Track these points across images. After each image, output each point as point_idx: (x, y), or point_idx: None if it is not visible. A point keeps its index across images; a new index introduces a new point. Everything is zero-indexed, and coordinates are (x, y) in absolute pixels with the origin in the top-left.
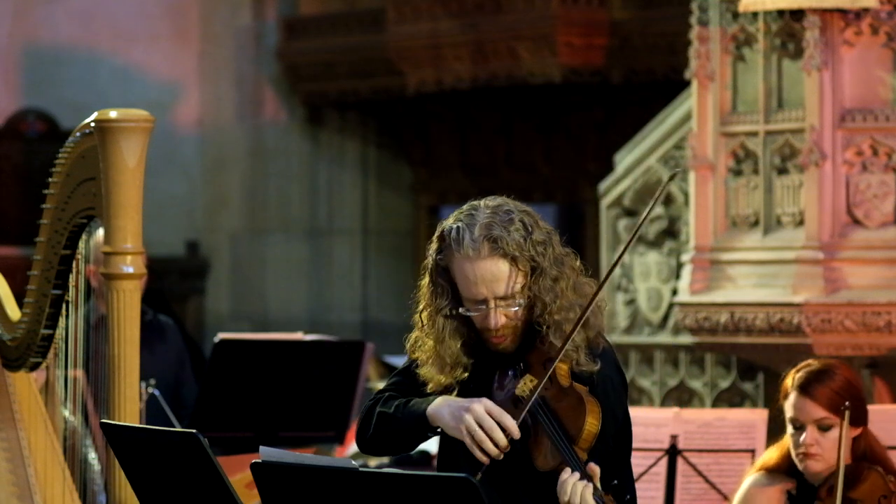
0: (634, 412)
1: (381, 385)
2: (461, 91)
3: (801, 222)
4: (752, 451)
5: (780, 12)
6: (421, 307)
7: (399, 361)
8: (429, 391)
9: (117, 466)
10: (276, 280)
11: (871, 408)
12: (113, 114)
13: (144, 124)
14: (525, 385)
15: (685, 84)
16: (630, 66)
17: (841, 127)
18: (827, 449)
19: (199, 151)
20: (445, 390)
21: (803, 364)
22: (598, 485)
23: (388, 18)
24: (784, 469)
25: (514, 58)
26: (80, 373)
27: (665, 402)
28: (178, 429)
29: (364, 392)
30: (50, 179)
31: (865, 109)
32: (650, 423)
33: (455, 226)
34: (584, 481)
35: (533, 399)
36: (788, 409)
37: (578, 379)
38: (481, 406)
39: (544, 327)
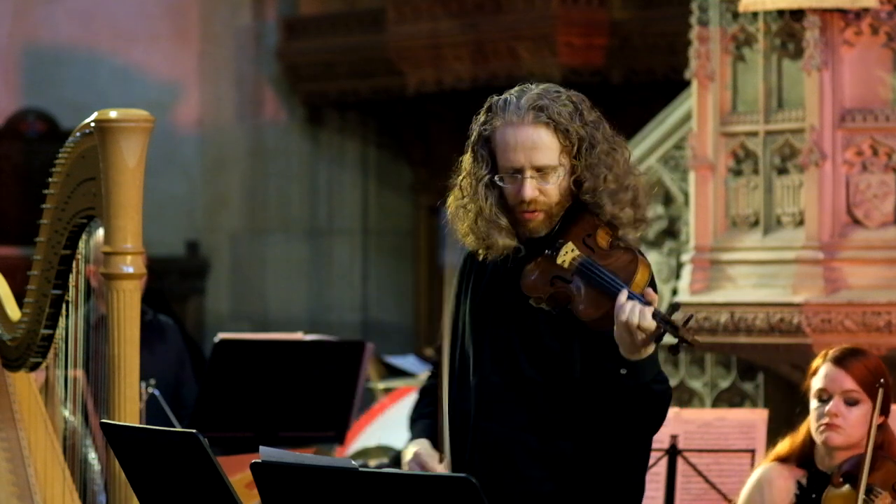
0: None
1: (381, 385)
2: (461, 91)
3: (801, 222)
4: (752, 451)
5: (780, 12)
6: (461, 178)
7: (399, 361)
8: (489, 259)
9: (117, 466)
10: (276, 280)
11: None
12: (113, 114)
13: (144, 124)
14: (566, 255)
15: (685, 84)
16: (630, 66)
17: (841, 127)
18: (850, 424)
19: (199, 151)
20: (493, 272)
21: (836, 345)
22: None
23: (388, 18)
24: (795, 460)
25: (514, 58)
26: (80, 373)
27: None
28: (178, 429)
29: (364, 392)
30: (50, 179)
31: (865, 109)
32: None
33: (504, 97)
34: (646, 306)
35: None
36: (817, 382)
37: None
38: (412, 456)
39: (598, 199)
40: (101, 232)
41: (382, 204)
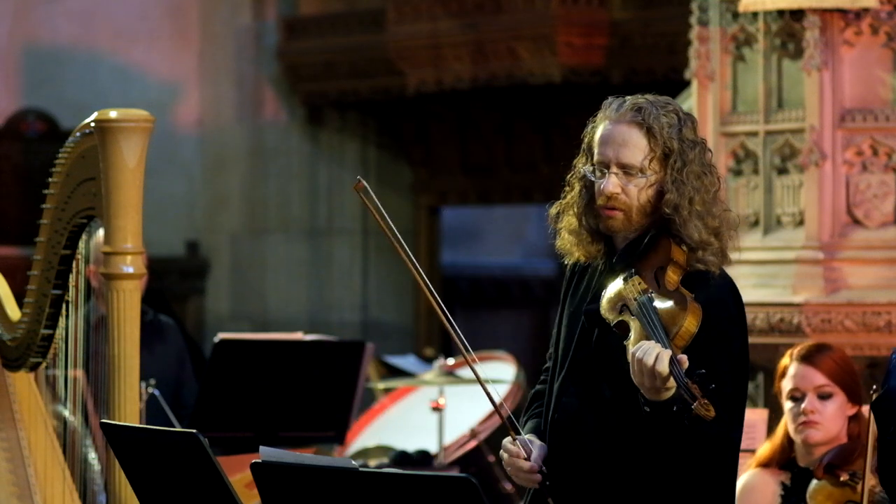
0: None
1: (381, 385)
2: (461, 91)
3: (801, 222)
4: (753, 452)
5: (780, 12)
6: (571, 174)
7: (399, 361)
8: (565, 262)
9: (117, 466)
10: (276, 280)
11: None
12: (113, 114)
13: (144, 124)
14: (633, 287)
15: (685, 84)
16: (630, 66)
17: (841, 127)
18: (826, 418)
19: (199, 151)
20: (583, 272)
21: (800, 344)
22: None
23: (388, 18)
24: (777, 462)
25: (514, 58)
26: (80, 373)
27: None
28: (178, 429)
29: (364, 392)
30: (50, 179)
31: (865, 109)
32: None
33: (617, 97)
34: (665, 349)
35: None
36: (788, 382)
37: (688, 285)
38: (504, 445)
39: (682, 217)
40: (101, 232)
41: (382, 204)
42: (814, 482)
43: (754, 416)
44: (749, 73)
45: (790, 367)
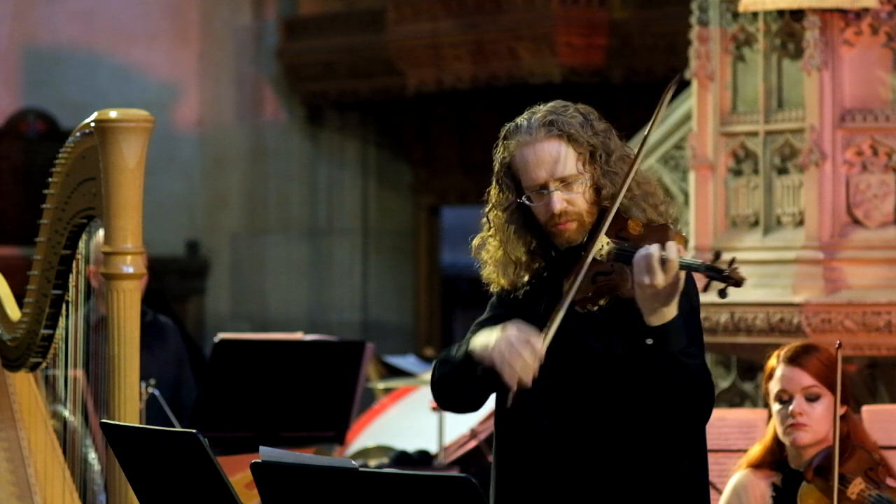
0: None
1: (381, 385)
2: (461, 91)
3: (801, 222)
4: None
5: (780, 12)
6: (488, 209)
7: (399, 361)
8: (491, 291)
9: (117, 466)
10: (276, 280)
11: (870, 408)
12: (113, 114)
13: (144, 124)
14: (601, 249)
15: (685, 84)
16: (630, 66)
17: (841, 127)
18: (815, 420)
19: (199, 151)
20: (505, 295)
21: (786, 345)
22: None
23: (388, 18)
24: (768, 463)
25: (514, 58)
26: (80, 373)
27: None
28: (178, 429)
29: (364, 392)
30: (50, 179)
31: (865, 109)
32: None
33: (515, 122)
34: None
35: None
36: (775, 384)
37: None
38: (511, 328)
39: (623, 205)
40: (101, 232)
41: (382, 204)
42: (804, 484)
43: (753, 416)
44: (749, 73)
45: (777, 369)
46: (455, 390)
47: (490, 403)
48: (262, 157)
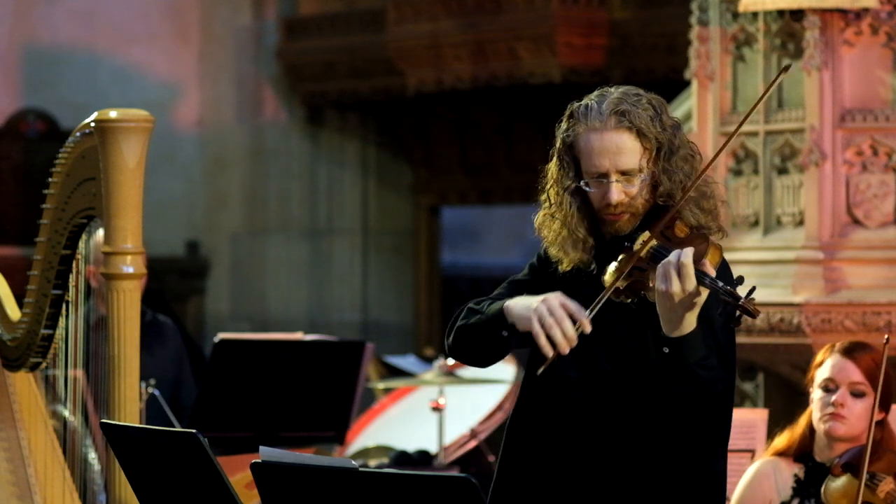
0: None
1: (381, 385)
2: (461, 91)
3: (801, 222)
4: (752, 452)
5: (780, 12)
6: (548, 186)
7: (399, 361)
8: (562, 270)
9: (117, 466)
10: (276, 280)
11: None
12: (113, 114)
13: (144, 124)
14: (643, 245)
15: (685, 84)
16: (630, 66)
17: (841, 127)
18: (854, 415)
19: (199, 151)
20: (578, 271)
21: (846, 339)
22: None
23: (388, 18)
24: (794, 453)
25: (514, 58)
26: (80, 373)
27: None
28: (178, 429)
29: (364, 392)
30: (50, 179)
31: (865, 109)
32: None
33: (585, 102)
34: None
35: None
36: (824, 372)
37: None
38: (555, 296)
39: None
40: (101, 232)
41: (382, 204)
42: (829, 478)
43: (754, 416)
44: (749, 73)
45: (829, 358)
46: (474, 342)
47: (485, 403)
48: (262, 157)
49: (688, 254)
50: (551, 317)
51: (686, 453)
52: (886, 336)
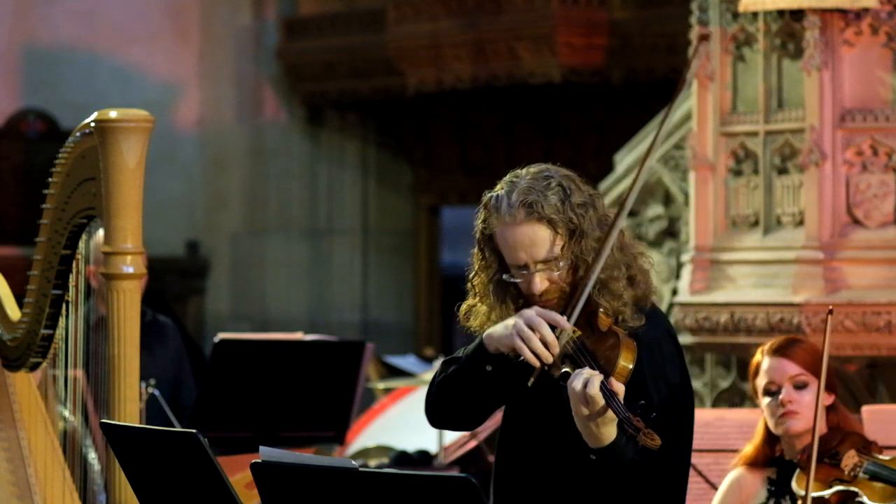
0: None
1: (381, 385)
2: (461, 91)
3: (801, 222)
4: None
5: (780, 12)
6: (472, 275)
7: (399, 361)
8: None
9: (117, 466)
10: (276, 280)
11: (870, 408)
12: (113, 114)
13: (144, 124)
14: (566, 334)
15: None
16: (630, 66)
17: (841, 127)
18: (805, 407)
19: (199, 151)
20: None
21: (770, 340)
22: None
23: (388, 18)
24: (762, 460)
25: (514, 58)
26: (80, 373)
27: None
28: (178, 429)
29: (364, 392)
30: (50, 179)
31: (865, 109)
32: None
33: (496, 193)
34: (597, 372)
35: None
36: (762, 378)
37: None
38: (532, 309)
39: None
40: (101, 232)
41: (382, 204)
42: (798, 471)
43: (753, 416)
44: (749, 73)
45: (763, 363)
46: (458, 392)
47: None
48: (262, 157)
49: (594, 384)
50: (530, 329)
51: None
52: (830, 308)
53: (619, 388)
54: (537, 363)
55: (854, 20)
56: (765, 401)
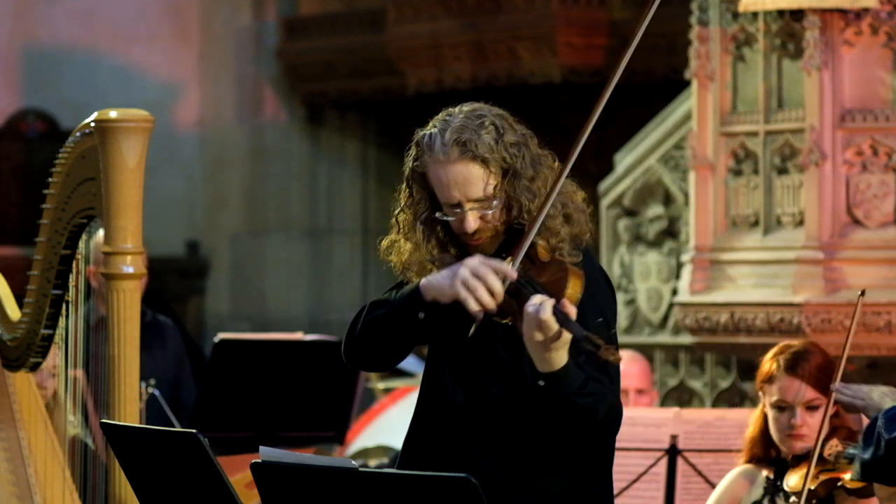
0: (634, 412)
1: (381, 385)
2: (461, 91)
3: (801, 222)
4: None
5: (780, 12)
6: (397, 211)
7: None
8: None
9: (117, 466)
10: (276, 280)
11: None
12: (113, 114)
13: (144, 124)
14: None
15: (685, 84)
16: (630, 66)
17: (841, 127)
18: (813, 428)
19: (199, 151)
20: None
21: (781, 347)
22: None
23: (388, 18)
24: (766, 460)
25: (514, 58)
26: (80, 373)
27: (665, 402)
28: (178, 429)
29: (364, 392)
30: (50, 179)
31: (865, 109)
32: (650, 423)
33: (429, 132)
34: (551, 299)
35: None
36: (774, 393)
37: None
38: (475, 258)
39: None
40: (101, 232)
41: (382, 204)
42: (789, 469)
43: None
44: (749, 73)
45: (776, 377)
46: (382, 335)
47: None
48: (262, 157)
49: (546, 308)
50: (475, 278)
51: (571, 476)
52: (862, 290)
53: (572, 310)
54: (479, 314)
55: (854, 20)
56: (771, 412)
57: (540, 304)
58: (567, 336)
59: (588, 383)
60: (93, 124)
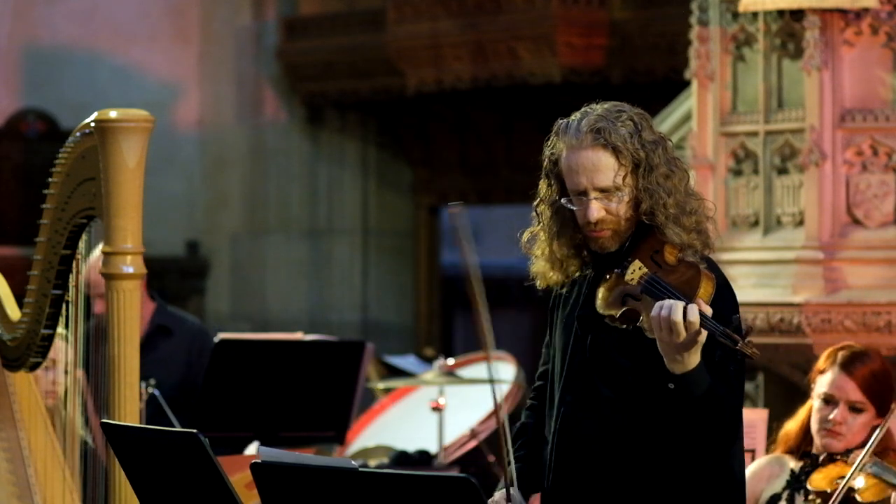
0: None
1: (381, 385)
2: (461, 91)
3: (801, 222)
4: (753, 451)
5: (780, 12)
6: (536, 203)
7: (399, 361)
8: (538, 287)
9: (117, 466)
10: (276, 280)
11: None
12: (113, 114)
13: (144, 124)
14: (633, 273)
15: (685, 84)
16: (630, 66)
17: (841, 127)
18: (852, 431)
19: (199, 151)
20: (552, 292)
21: (843, 344)
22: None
23: (388, 18)
24: (796, 446)
25: (514, 58)
26: (80, 373)
27: None
28: (178, 429)
29: (364, 392)
30: (50, 179)
31: (865, 109)
32: None
33: (568, 120)
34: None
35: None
36: (823, 385)
37: None
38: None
39: (659, 222)
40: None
41: (382, 204)
42: (814, 470)
43: (754, 416)
44: (749, 73)
45: (829, 371)
46: None
47: (485, 403)
48: (262, 157)
49: (677, 310)
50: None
51: (701, 460)
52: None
53: (707, 309)
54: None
55: (854, 20)
56: (817, 403)
57: (685, 308)
58: (702, 336)
59: (716, 386)
60: (93, 124)
